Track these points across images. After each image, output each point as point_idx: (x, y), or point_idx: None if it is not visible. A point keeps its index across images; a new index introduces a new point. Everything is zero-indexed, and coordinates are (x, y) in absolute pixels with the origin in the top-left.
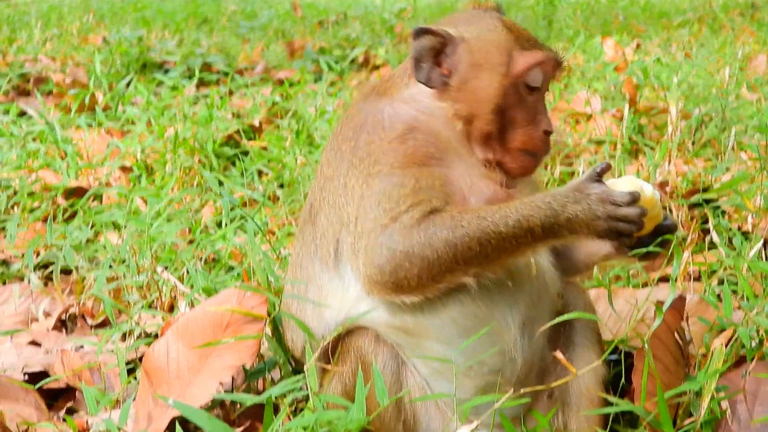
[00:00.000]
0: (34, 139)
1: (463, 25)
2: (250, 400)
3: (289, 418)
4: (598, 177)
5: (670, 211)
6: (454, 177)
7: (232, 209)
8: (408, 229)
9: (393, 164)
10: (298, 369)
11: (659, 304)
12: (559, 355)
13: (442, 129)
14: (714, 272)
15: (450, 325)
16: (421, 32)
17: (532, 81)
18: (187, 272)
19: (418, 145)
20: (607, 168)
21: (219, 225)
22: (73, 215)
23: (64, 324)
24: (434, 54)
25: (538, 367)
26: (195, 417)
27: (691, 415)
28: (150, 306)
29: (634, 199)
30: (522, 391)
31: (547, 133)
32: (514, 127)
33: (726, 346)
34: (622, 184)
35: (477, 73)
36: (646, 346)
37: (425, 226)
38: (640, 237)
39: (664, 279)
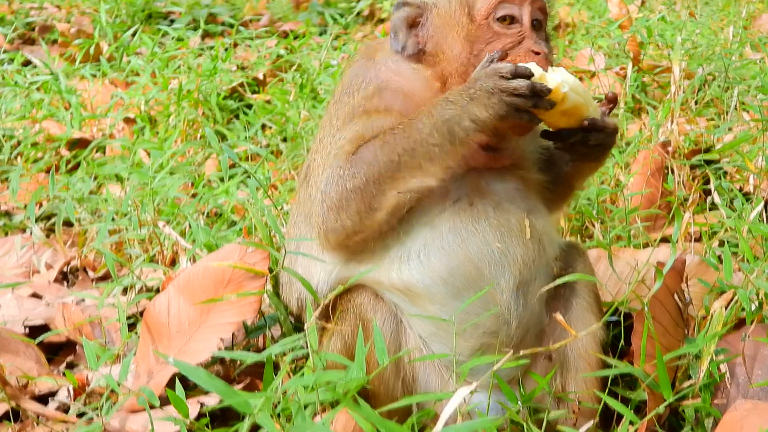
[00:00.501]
0: (38, 89)
1: None
2: (249, 358)
3: (289, 376)
4: (490, 62)
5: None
6: None
7: (233, 166)
8: (340, 167)
9: (353, 118)
10: (298, 326)
11: (659, 266)
12: (558, 317)
13: (419, 90)
14: (715, 233)
15: (440, 284)
16: (399, 4)
17: (503, 13)
18: (189, 227)
19: (382, 100)
20: (503, 56)
21: (222, 179)
22: (76, 166)
23: (65, 276)
24: (410, 24)
25: (536, 329)
26: (194, 375)
27: (690, 377)
28: (151, 260)
29: (519, 71)
30: (521, 353)
31: (535, 52)
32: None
33: (725, 308)
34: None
35: (446, 33)
36: (645, 308)
37: (353, 158)
38: (570, 132)
39: (666, 240)
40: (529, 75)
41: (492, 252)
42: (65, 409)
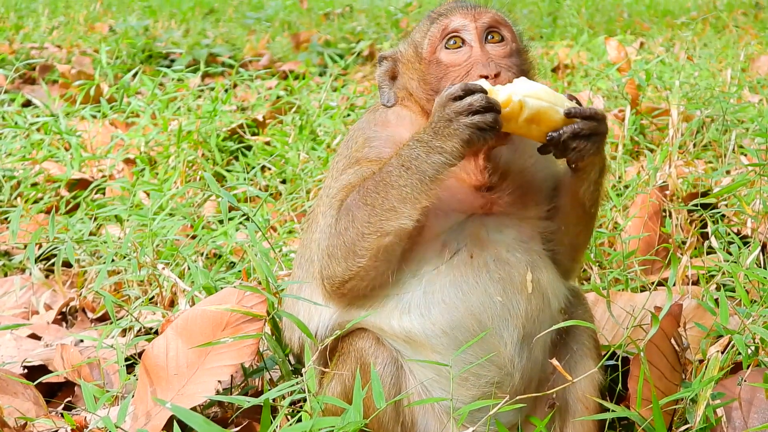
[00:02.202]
0: (38, 130)
1: (408, 37)
2: (246, 402)
3: (287, 419)
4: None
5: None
6: None
7: (232, 208)
8: (331, 216)
9: (347, 168)
10: (297, 368)
11: (656, 311)
12: (554, 362)
13: (407, 134)
14: (713, 277)
15: (442, 336)
16: (380, 59)
17: (449, 43)
18: (188, 268)
19: (372, 150)
20: (457, 89)
21: (221, 221)
22: (76, 207)
23: (64, 317)
24: (391, 76)
25: (538, 378)
26: (191, 420)
27: (687, 421)
28: (150, 301)
29: (468, 88)
30: (518, 397)
31: (483, 75)
32: None
33: (722, 353)
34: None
35: (409, 77)
36: (641, 353)
37: (339, 205)
38: (559, 133)
39: (664, 283)
40: (481, 89)
41: (494, 305)
42: None
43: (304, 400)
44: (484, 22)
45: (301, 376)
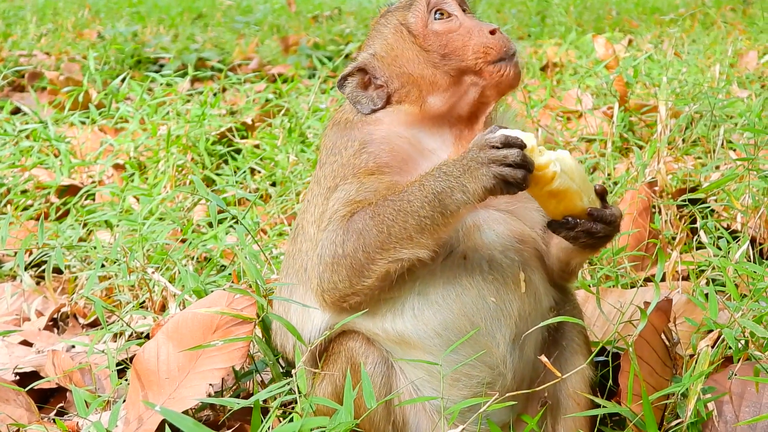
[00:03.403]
0: (27, 137)
1: (371, 42)
2: (236, 404)
3: (279, 421)
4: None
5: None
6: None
7: (222, 211)
8: (334, 232)
9: (345, 177)
10: (288, 370)
11: (645, 306)
12: (543, 358)
13: (405, 129)
14: (703, 272)
15: (434, 337)
16: (341, 81)
17: (438, 14)
18: (178, 272)
19: (371, 156)
20: (498, 140)
21: (211, 224)
22: (66, 213)
23: (55, 323)
24: (364, 87)
25: (530, 377)
26: (181, 423)
27: (678, 416)
28: (141, 306)
29: (510, 140)
30: (507, 394)
31: (492, 31)
32: (462, 54)
33: (712, 347)
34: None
35: (402, 62)
36: (630, 349)
37: (347, 224)
38: (576, 221)
39: (652, 279)
40: (520, 144)
41: (487, 306)
42: None
43: (296, 401)
44: None
45: (292, 377)
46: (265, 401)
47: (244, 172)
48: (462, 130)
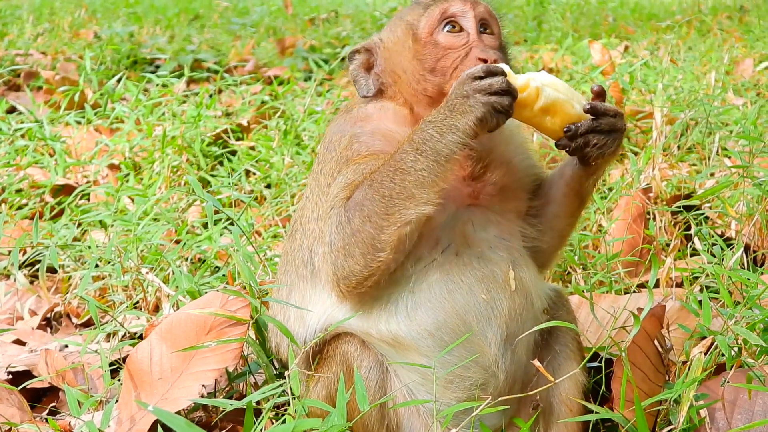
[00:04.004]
0: (22, 136)
1: (388, 26)
2: (229, 405)
3: (272, 422)
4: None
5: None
6: None
7: (217, 212)
8: (337, 215)
9: (341, 169)
10: (282, 371)
11: (638, 312)
12: (536, 363)
13: (390, 124)
14: (697, 278)
15: (427, 338)
16: (351, 54)
17: (447, 28)
18: (173, 273)
19: (362, 145)
20: (479, 70)
21: (205, 225)
22: (61, 213)
23: (49, 323)
24: (367, 68)
25: (523, 380)
26: (174, 423)
27: (670, 422)
28: (135, 306)
29: (491, 69)
30: (500, 398)
31: (483, 59)
32: (445, 75)
33: (705, 354)
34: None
35: (397, 61)
36: (623, 354)
37: (347, 203)
38: (576, 126)
39: (646, 286)
40: (502, 72)
41: (478, 304)
42: None
43: (289, 403)
44: (481, 11)
45: (285, 379)
46: (258, 403)
47: (239, 173)
48: None
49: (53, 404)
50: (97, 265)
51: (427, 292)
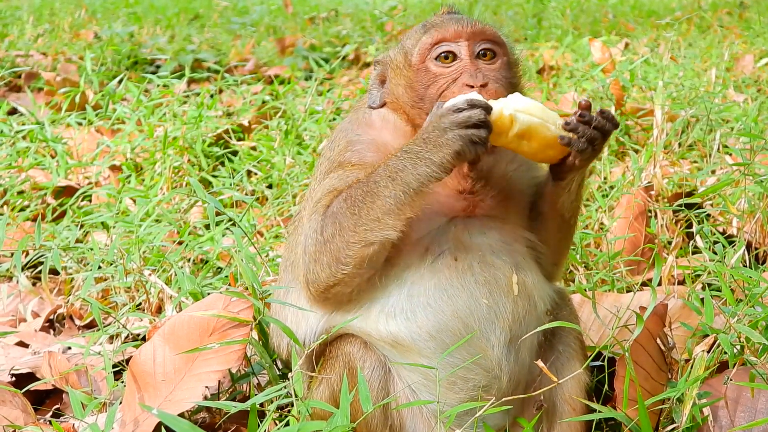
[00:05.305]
0: (24, 138)
1: (402, 40)
2: (233, 407)
3: (275, 424)
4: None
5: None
6: None
7: (219, 213)
8: (315, 220)
9: (330, 171)
10: (284, 372)
11: (640, 311)
12: (539, 363)
13: (389, 136)
14: (699, 276)
15: (428, 340)
16: (375, 64)
17: (438, 53)
18: (175, 274)
19: (354, 153)
20: (462, 103)
21: (207, 226)
22: (63, 215)
23: (52, 324)
24: (381, 80)
25: (526, 381)
26: (177, 426)
27: (673, 421)
28: (137, 308)
29: (473, 102)
30: (504, 399)
31: (469, 85)
32: (436, 99)
33: (708, 352)
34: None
35: (396, 83)
36: (626, 354)
37: (326, 210)
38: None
39: (647, 284)
40: (485, 105)
41: (480, 308)
42: None
43: (293, 404)
44: (477, 42)
45: (288, 380)
46: (261, 404)
47: (240, 173)
48: None
49: (57, 406)
50: (99, 267)
51: (425, 296)
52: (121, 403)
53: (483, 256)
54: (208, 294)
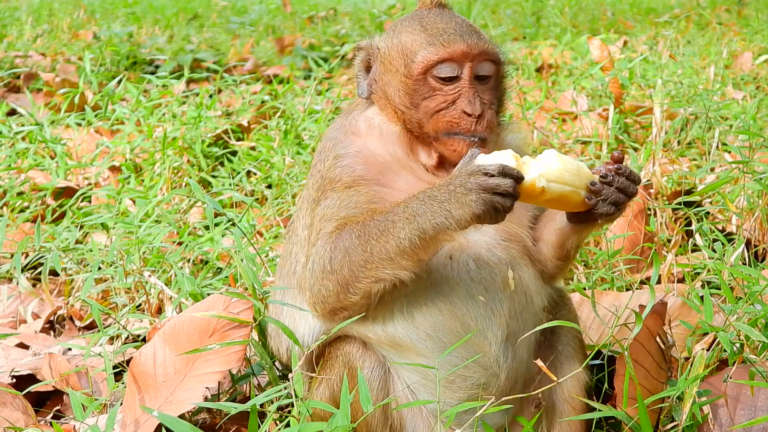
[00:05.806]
0: (23, 139)
1: (389, 32)
2: (233, 408)
3: (276, 424)
4: (472, 157)
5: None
6: (391, 192)
7: (218, 214)
8: (323, 248)
9: (325, 190)
10: (284, 373)
11: (640, 309)
12: (539, 362)
13: (378, 145)
14: (698, 274)
15: (426, 339)
16: (357, 49)
17: (442, 74)
18: (175, 275)
19: (344, 171)
20: (475, 152)
21: (207, 227)
22: (62, 216)
23: (52, 326)
24: (366, 67)
25: (524, 378)
26: (178, 427)
27: (673, 419)
28: (137, 309)
29: (506, 170)
30: (504, 398)
31: (467, 113)
32: (434, 116)
33: (707, 350)
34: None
35: (388, 79)
36: (626, 352)
37: (334, 240)
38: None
39: (646, 282)
40: (516, 176)
41: (477, 305)
42: None
43: (293, 405)
44: (480, 62)
45: (289, 381)
46: (261, 405)
47: (240, 174)
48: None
49: (57, 408)
50: (99, 268)
51: (422, 296)
52: (121, 404)
53: (478, 253)
54: (208, 295)
